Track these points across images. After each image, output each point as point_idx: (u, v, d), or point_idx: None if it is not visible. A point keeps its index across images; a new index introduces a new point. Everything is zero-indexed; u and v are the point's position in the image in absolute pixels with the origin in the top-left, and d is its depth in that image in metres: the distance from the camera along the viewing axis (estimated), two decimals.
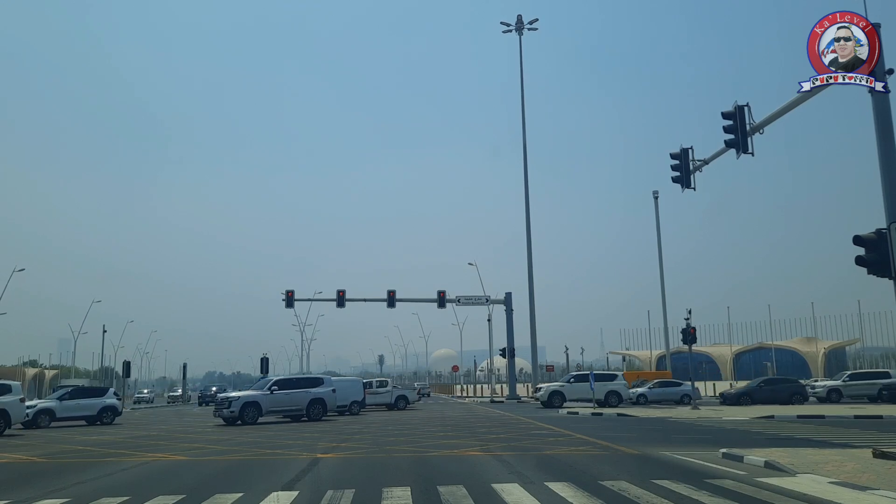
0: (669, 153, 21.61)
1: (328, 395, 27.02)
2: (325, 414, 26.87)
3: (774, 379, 37.94)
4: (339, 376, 36.47)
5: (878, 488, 8.41)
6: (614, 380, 35.14)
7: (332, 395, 27.26)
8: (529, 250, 47.19)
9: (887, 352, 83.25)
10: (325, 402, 26.75)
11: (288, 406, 26.13)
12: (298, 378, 29.14)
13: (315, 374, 32.66)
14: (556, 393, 34.44)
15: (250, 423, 24.74)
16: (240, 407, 25.01)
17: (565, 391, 34.54)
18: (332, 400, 27.29)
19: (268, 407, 25.61)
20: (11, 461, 14.35)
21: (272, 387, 26.09)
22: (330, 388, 27.29)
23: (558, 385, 35.51)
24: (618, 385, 34.42)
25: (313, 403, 26.43)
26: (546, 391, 34.77)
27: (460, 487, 9.18)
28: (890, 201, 12.62)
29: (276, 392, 25.88)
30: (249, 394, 26.20)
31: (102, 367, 78.52)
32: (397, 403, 35.99)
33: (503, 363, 55.34)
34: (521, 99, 49.42)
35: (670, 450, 13.56)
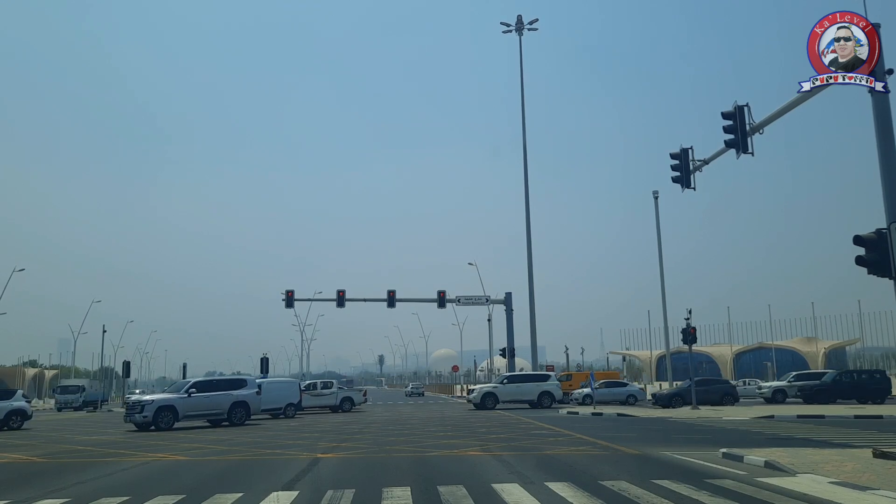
0: (669, 153, 21.63)
1: (252, 398, 25.59)
2: (249, 417, 25.51)
3: (707, 380, 37.67)
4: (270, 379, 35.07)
5: (878, 488, 8.41)
6: (547, 380, 34.97)
7: (255, 397, 25.85)
8: (529, 250, 47.20)
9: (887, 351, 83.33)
10: (248, 405, 25.29)
11: (207, 410, 24.56)
12: (219, 379, 27.78)
13: (239, 376, 31.27)
14: (489, 394, 33.75)
15: (165, 428, 23.15)
16: (153, 411, 23.26)
17: (499, 392, 33.94)
18: (255, 403, 25.91)
19: (185, 411, 23.98)
20: (11, 461, 14.35)
21: (190, 389, 24.54)
22: (254, 390, 25.88)
23: (491, 386, 34.91)
24: (550, 386, 34.38)
25: (235, 407, 24.90)
26: (479, 392, 34.06)
27: (460, 487, 9.18)
28: (890, 201, 12.61)
29: (194, 395, 24.31)
30: (164, 397, 24.67)
31: (102, 367, 78.49)
32: (342, 405, 35.05)
33: (503, 363, 55.31)
34: (521, 99, 49.39)
35: (670, 450, 13.57)
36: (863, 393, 33.79)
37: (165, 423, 23.38)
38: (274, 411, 30.01)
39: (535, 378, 35.27)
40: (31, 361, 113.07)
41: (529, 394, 33.57)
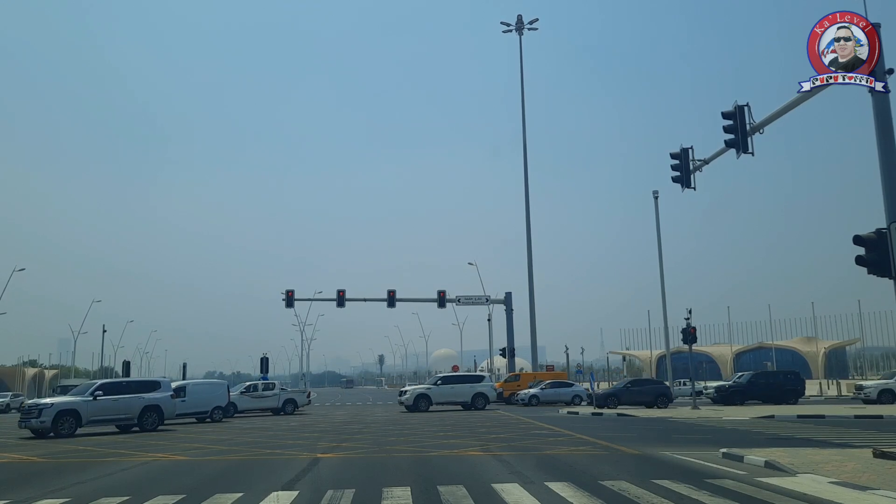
0: (669, 153, 21.66)
1: (165, 402, 23.59)
2: (162, 422, 23.55)
3: (641, 380, 37.60)
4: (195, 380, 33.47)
5: (878, 488, 8.41)
6: (481, 381, 34.57)
7: (169, 400, 23.87)
8: (529, 250, 47.23)
9: (887, 351, 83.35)
10: (161, 409, 23.32)
11: (115, 414, 22.38)
12: (129, 381, 25.74)
13: (152, 378, 28.89)
14: (422, 396, 32.87)
15: (66, 435, 20.95)
16: (52, 416, 21.06)
17: (432, 394, 33.20)
18: (170, 406, 23.88)
19: (89, 416, 21.81)
20: (11, 461, 14.35)
21: (96, 391, 22.28)
22: (167, 393, 23.94)
23: (425, 388, 34.12)
24: (485, 387, 33.95)
25: (147, 411, 22.87)
26: (412, 394, 33.19)
27: (460, 487, 9.19)
28: (890, 201, 12.62)
29: (100, 398, 22.09)
30: (65, 400, 22.25)
31: (102, 367, 78.57)
32: (285, 407, 33.70)
33: (503, 363, 55.37)
34: (521, 99, 49.47)
35: (670, 450, 13.57)
36: (777, 394, 34.04)
37: (66, 429, 21.28)
38: (200, 415, 28.46)
39: (469, 379, 34.88)
40: (31, 361, 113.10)
41: (463, 395, 33.18)
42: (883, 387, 31.57)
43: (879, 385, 32.05)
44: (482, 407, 32.88)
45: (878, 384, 32.30)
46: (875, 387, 31.95)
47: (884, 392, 31.31)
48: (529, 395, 37.54)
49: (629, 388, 33.94)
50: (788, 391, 34.08)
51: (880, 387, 31.72)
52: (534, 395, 37.38)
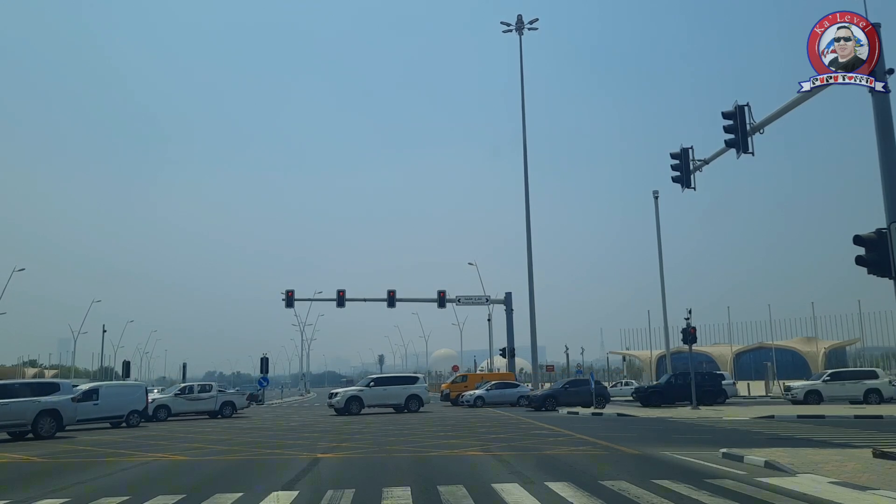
0: (669, 153, 21.66)
1: (65, 406, 21.45)
2: (62, 428, 21.56)
3: (579, 381, 36.40)
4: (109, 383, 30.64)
5: (878, 488, 8.41)
6: (415, 383, 33.49)
7: (69, 404, 21.71)
8: (529, 250, 47.22)
9: (888, 351, 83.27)
10: (59, 414, 21.23)
11: (4, 420, 20.18)
12: (23, 383, 23.98)
13: (51, 380, 27.14)
14: (353, 398, 31.56)
15: None
16: None
17: (364, 396, 32.00)
18: (69, 411, 21.70)
19: None
20: (11, 461, 14.35)
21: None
22: (67, 397, 21.80)
23: (357, 390, 32.86)
24: (418, 389, 32.93)
25: (42, 415, 20.80)
26: (343, 397, 31.80)
27: (460, 487, 9.19)
28: (890, 201, 12.62)
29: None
30: None
31: (102, 367, 78.57)
32: (222, 410, 32.07)
33: (503, 363, 55.33)
34: (521, 99, 49.44)
35: (670, 450, 13.57)
36: (697, 395, 33.35)
37: None
38: (114, 420, 26.43)
39: (402, 381, 33.75)
40: (31, 361, 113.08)
41: (396, 397, 32.19)
42: (809, 388, 31.98)
43: (806, 386, 32.43)
44: (416, 409, 31.69)
45: (805, 385, 32.62)
46: (802, 388, 32.34)
47: (810, 393, 31.66)
48: (475, 396, 37.24)
49: (567, 388, 33.49)
50: (707, 392, 33.95)
51: (807, 388, 32.10)
52: (479, 396, 37.13)
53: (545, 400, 32.25)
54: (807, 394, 31.50)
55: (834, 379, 32.10)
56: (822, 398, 31.02)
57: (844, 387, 31.69)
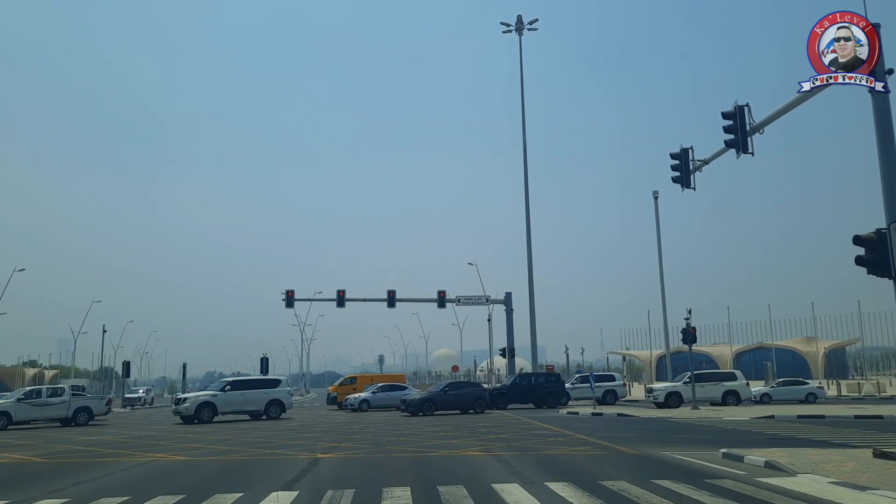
0: (669, 153, 21.62)
1: None
2: None
3: (459, 383, 34.89)
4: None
5: (878, 488, 8.41)
6: (277, 386, 30.89)
7: None
8: (529, 250, 47.20)
9: (887, 351, 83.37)
10: None
11: None
12: None
13: None
14: (205, 405, 28.43)
15: None
16: None
17: (218, 402, 28.79)
18: None
19: None
20: (11, 461, 14.35)
21: None
22: None
23: (209, 394, 29.68)
24: (280, 393, 30.25)
25: None
26: (193, 402, 28.31)
27: (460, 487, 9.19)
28: (890, 201, 12.61)
29: None
30: None
31: (102, 367, 78.56)
32: (76, 417, 28.23)
33: (503, 363, 55.33)
34: (521, 99, 49.41)
35: (670, 450, 13.57)
36: (538, 397, 34.12)
37: None
38: None
39: (262, 384, 30.91)
40: (31, 361, 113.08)
41: (255, 403, 29.33)
42: (670, 389, 31.90)
43: (667, 388, 32.27)
44: (276, 416, 29.33)
45: (667, 386, 32.45)
46: (663, 389, 32.23)
47: (671, 394, 31.55)
48: (360, 399, 35.83)
49: (446, 391, 31.04)
50: (549, 394, 34.26)
51: (668, 389, 31.88)
52: (364, 399, 35.77)
53: (423, 404, 29.62)
54: (667, 395, 31.35)
55: (694, 380, 31.97)
56: (683, 400, 31.02)
57: (704, 388, 31.91)
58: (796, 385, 39.02)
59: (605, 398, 36.80)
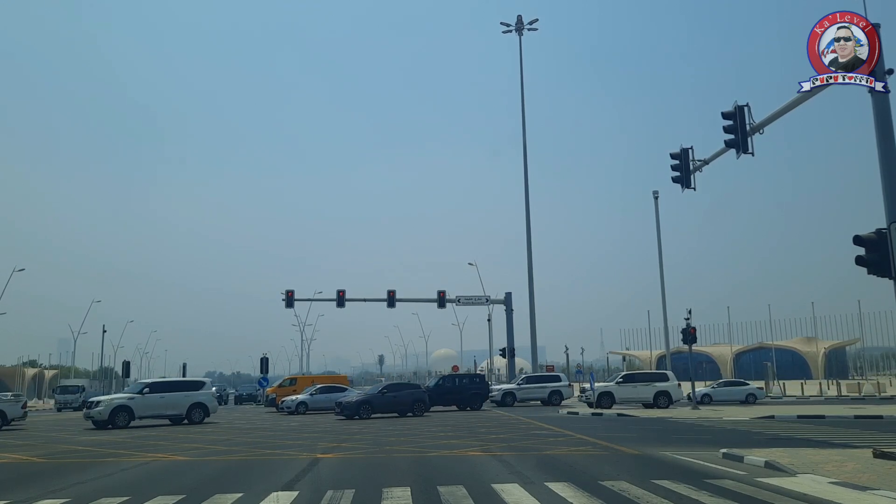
0: (669, 153, 21.62)
1: None
2: None
3: (398, 384, 33.53)
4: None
5: (878, 488, 8.41)
6: (200, 388, 28.51)
7: None
8: (529, 250, 47.22)
9: (887, 351, 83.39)
10: None
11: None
12: None
13: None
14: (121, 409, 25.61)
15: None
16: None
17: (135, 406, 26.45)
18: None
19: None
20: (11, 461, 14.34)
21: None
22: None
23: (125, 397, 27.07)
24: (203, 395, 27.99)
25: None
26: (107, 406, 25.57)
27: (460, 487, 9.19)
28: (890, 201, 12.61)
29: None
30: None
31: (102, 367, 78.57)
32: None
33: (503, 363, 55.36)
34: (521, 99, 49.44)
35: (670, 450, 13.57)
36: (462, 399, 33.82)
37: None
38: None
39: (184, 386, 28.41)
40: (31, 361, 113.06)
41: (176, 407, 26.94)
42: (603, 390, 32.02)
43: (600, 388, 32.34)
44: (200, 420, 27.07)
45: (599, 387, 32.43)
46: (596, 390, 32.27)
47: (603, 395, 31.65)
48: (297, 401, 34.14)
49: (384, 393, 29.32)
50: (473, 395, 34.05)
51: (600, 390, 32.08)
52: (302, 401, 34.14)
53: (359, 407, 27.92)
54: (600, 396, 31.49)
55: (626, 381, 32.35)
56: (615, 400, 31.25)
57: (636, 389, 32.07)
58: (736, 386, 39.95)
59: (550, 399, 36.59)
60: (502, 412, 31.08)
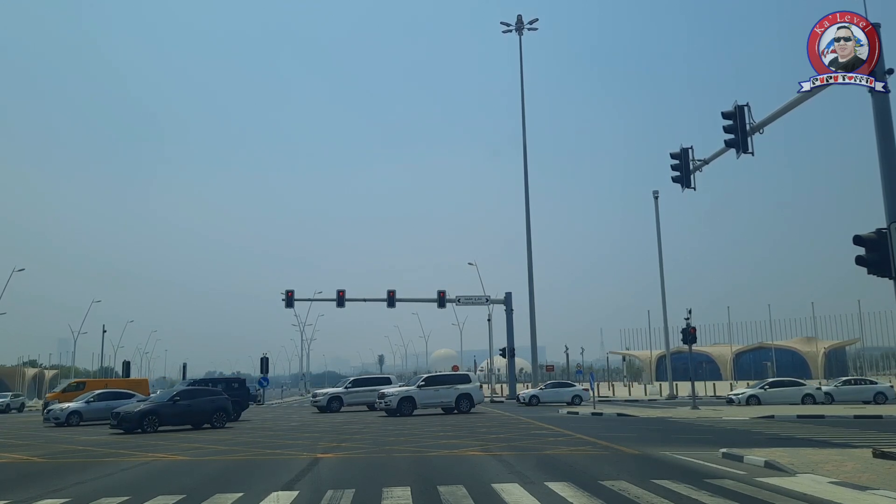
0: (669, 153, 21.62)
1: None
2: None
3: (194, 390, 25.86)
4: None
5: (878, 488, 8.41)
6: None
7: None
8: (529, 250, 47.23)
9: (887, 351, 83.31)
10: None
11: None
12: None
13: None
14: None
15: None
16: None
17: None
18: None
19: None
20: (11, 461, 14.35)
21: None
22: None
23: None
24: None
25: None
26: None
27: (460, 487, 9.19)
28: (890, 201, 12.61)
29: None
30: None
31: (102, 367, 78.58)
32: None
33: (503, 363, 55.39)
34: (521, 99, 49.45)
35: (670, 450, 13.57)
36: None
37: None
38: None
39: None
40: (31, 361, 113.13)
41: None
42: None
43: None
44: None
45: (402, 391, 32.27)
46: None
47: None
48: (68, 411, 28.11)
49: (176, 401, 23.77)
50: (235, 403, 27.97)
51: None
52: (74, 410, 28.16)
53: (142, 419, 22.68)
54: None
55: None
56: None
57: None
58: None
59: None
60: (502, 411, 31.07)
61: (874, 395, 33.61)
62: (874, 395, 33.61)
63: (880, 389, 34.01)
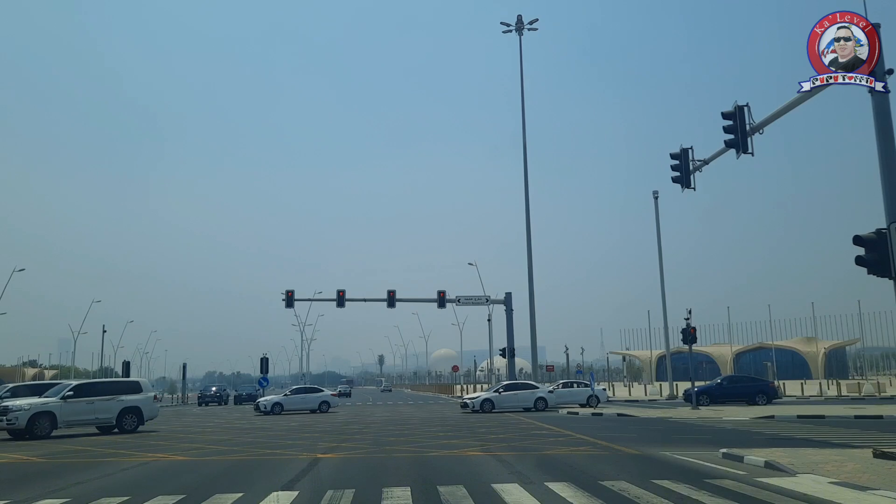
0: (669, 153, 21.60)
1: None
2: None
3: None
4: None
5: (878, 488, 8.41)
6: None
7: None
8: (529, 250, 47.18)
9: (887, 351, 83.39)
10: None
11: None
12: None
13: None
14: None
15: None
16: None
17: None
18: None
19: None
20: (11, 461, 14.34)
21: None
22: None
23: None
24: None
25: None
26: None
27: (460, 487, 9.19)
28: (890, 201, 12.60)
29: None
30: None
31: (102, 367, 78.52)
32: None
33: (503, 363, 55.28)
34: (521, 99, 49.40)
35: (670, 450, 13.57)
36: None
37: None
38: None
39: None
40: (31, 361, 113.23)
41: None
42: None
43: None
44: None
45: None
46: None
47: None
48: None
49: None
50: None
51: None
52: None
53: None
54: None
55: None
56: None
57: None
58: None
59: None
60: (500, 412, 31.06)
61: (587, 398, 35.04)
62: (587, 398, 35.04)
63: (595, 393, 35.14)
